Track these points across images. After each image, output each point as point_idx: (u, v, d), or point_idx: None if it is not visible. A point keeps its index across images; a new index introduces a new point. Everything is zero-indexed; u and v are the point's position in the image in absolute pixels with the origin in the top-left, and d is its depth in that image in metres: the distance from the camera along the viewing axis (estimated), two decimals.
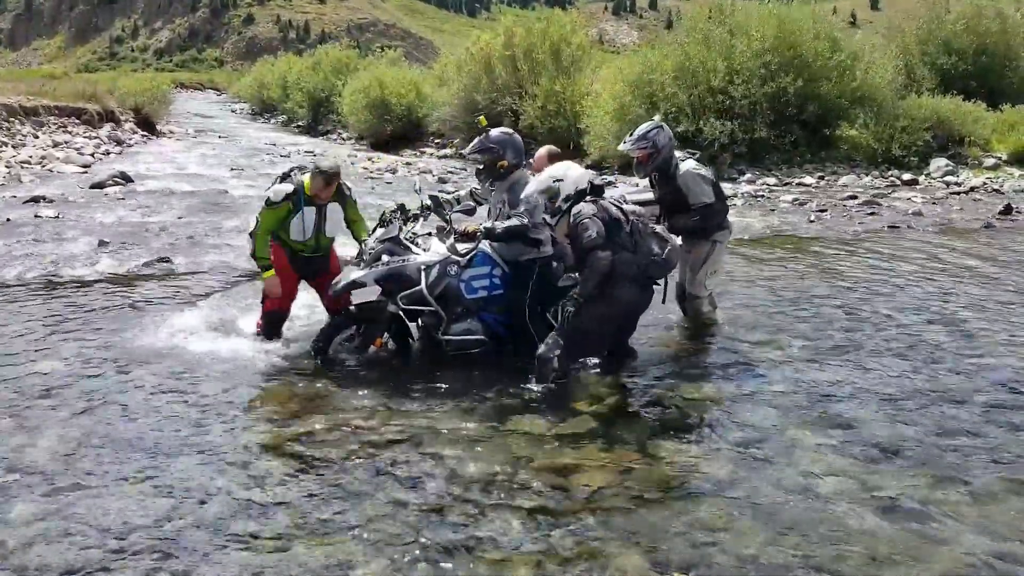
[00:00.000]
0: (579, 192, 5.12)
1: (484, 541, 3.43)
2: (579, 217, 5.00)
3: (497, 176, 5.58)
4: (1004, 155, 16.64)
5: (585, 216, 4.98)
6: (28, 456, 4.13)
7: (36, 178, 15.83)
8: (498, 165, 5.53)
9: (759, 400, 4.97)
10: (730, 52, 16.87)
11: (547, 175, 5.22)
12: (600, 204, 5.10)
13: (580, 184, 5.15)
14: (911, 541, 3.44)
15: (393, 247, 5.50)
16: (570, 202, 5.10)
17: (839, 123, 17.17)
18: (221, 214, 12.06)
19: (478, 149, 5.61)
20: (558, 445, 4.34)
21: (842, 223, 11.74)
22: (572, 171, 5.26)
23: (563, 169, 5.27)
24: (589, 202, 5.09)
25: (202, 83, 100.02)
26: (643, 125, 5.99)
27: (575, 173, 5.23)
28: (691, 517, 3.63)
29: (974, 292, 7.55)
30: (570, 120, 19.38)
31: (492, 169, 5.58)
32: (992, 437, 4.45)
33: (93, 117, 25.54)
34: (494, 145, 5.55)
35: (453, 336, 5.44)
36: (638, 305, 5.27)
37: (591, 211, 5.01)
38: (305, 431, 4.49)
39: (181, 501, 3.71)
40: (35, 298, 7.16)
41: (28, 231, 10.15)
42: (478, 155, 5.63)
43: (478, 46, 22.84)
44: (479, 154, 5.62)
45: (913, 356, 5.75)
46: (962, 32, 20.02)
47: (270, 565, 3.24)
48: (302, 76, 37.88)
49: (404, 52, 36.80)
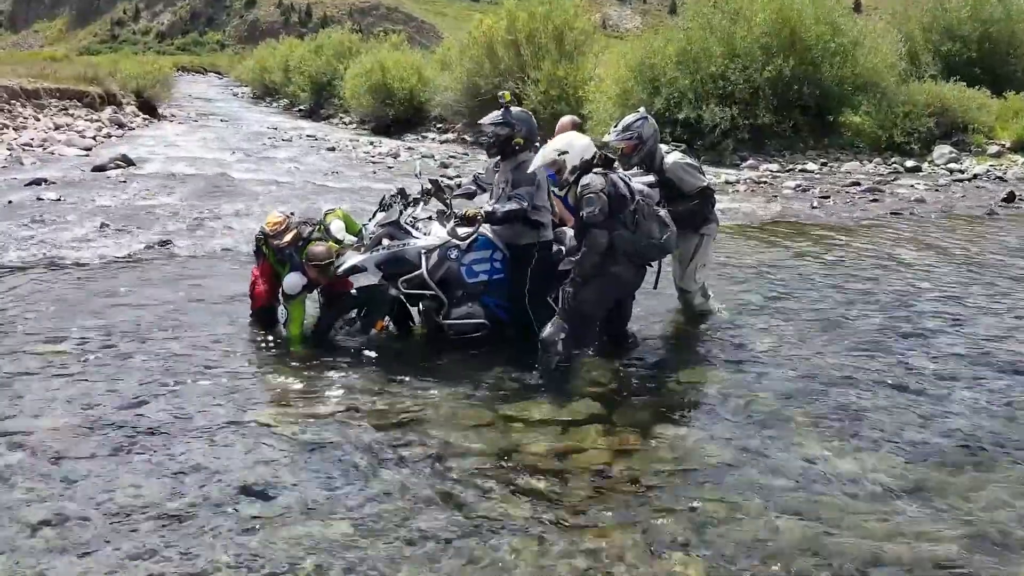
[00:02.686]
0: (585, 163, 5.03)
1: (485, 524, 3.44)
2: (586, 190, 4.89)
3: (507, 153, 5.50)
4: (1008, 142, 16.59)
5: (591, 190, 4.87)
6: (31, 438, 4.14)
7: (37, 161, 15.82)
8: (513, 141, 5.46)
9: (759, 385, 4.98)
10: (731, 37, 16.80)
11: (551, 148, 5.10)
12: (610, 178, 4.99)
13: (586, 154, 5.03)
14: (910, 525, 3.45)
15: (394, 231, 5.49)
16: (577, 172, 5.04)
17: (842, 109, 17.10)
18: (222, 197, 12.05)
19: (497, 121, 5.46)
20: (558, 429, 4.35)
21: (845, 209, 11.72)
22: (577, 141, 5.13)
23: (567, 140, 5.15)
24: (600, 174, 4.98)
25: (204, 66, 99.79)
26: (628, 116, 5.86)
27: (581, 143, 5.11)
28: (691, 501, 3.64)
29: (976, 279, 7.54)
30: (573, 105, 19.26)
31: (505, 144, 5.46)
32: (993, 422, 4.46)
33: (95, 100, 25.50)
34: (514, 121, 5.47)
35: (454, 320, 5.44)
36: (633, 285, 5.24)
37: (599, 185, 4.89)
38: (307, 414, 4.50)
39: (183, 482, 3.73)
40: (36, 280, 7.16)
41: (29, 213, 10.14)
42: (495, 127, 5.47)
43: (481, 30, 22.72)
44: (496, 126, 5.47)
45: (914, 342, 5.75)
46: (966, 18, 19.91)
47: (271, 546, 3.25)
48: (304, 60, 37.73)
49: (407, 36, 36.49)
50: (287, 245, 5.53)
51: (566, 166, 5.02)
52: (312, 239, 5.57)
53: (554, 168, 5.07)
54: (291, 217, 5.76)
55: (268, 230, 5.61)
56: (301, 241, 5.55)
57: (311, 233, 5.63)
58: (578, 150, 5.05)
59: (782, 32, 16.60)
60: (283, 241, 5.53)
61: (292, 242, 5.53)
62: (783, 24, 16.65)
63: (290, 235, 5.54)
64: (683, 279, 6.15)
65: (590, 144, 5.14)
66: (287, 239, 5.53)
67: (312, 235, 5.62)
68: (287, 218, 5.69)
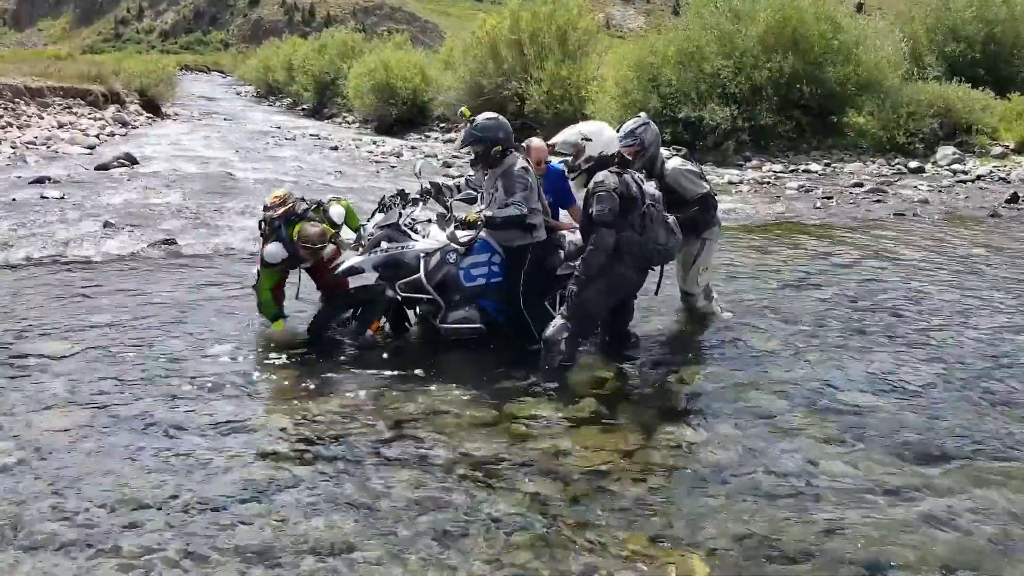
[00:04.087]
0: (604, 157, 5.00)
1: (486, 523, 3.45)
2: (598, 187, 4.88)
3: (492, 163, 5.48)
4: (1012, 144, 16.55)
5: (603, 188, 4.86)
6: (36, 434, 4.16)
7: (41, 159, 15.84)
8: (493, 151, 5.43)
9: (761, 386, 4.98)
10: (733, 36, 16.79)
11: (577, 129, 5.05)
12: (624, 178, 4.97)
13: (608, 149, 5.01)
14: (912, 526, 3.45)
15: (392, 233, 5.48)
16: (591, 163, 5.01)
17: (845, 110, 17.08)
18: (226, 196, 12.06)
19: (470, 141, 5.42)
20: (560, 428, 4.36)
21: (848, 210, 11.71)
22: (605, 133, 5.10)
23: (597, 128, 5.12)
24: (615, 173, 4.97)
25: (207, 65, 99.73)
26: (629, 122, 5.83)
27: (608, 135, 5.08)
28: (693, 500, 3.65)
29: (979, 280, 7.54)
30: (576, 105, 19.31)
31: (487, 156, 5.43)
32: (995, 422, 4.45)
33: (98, 98, 25.52)
34: (481, 134, 5.44)
35: (450, 324, 5.44)
36: (635, 285, 5.25)
37: (612, 184, 4.88)
38: (309, 413, 4.51)
39: (185, 480, 3.74)
40: (40, 278, 7.18)
41: (34, 212, 10.16)
42: (471, 146, 5.45)
43: (484, 30, 22.73)
44: (472, 145, 5.44)
45: (917, 343, 5.75)
46: (970, 19, 19.87)
47: (272, 543, 3.26)
48: (307, 59, 37.77)
49: (410, 35, 36.57)
50: (278, 217, 5.58)
51: (584, 152, 5.01)
52: (307, 217, 5.63)
53: (574, 150, 5.05)
54: (292, 194, 5.85)
55: (268, 202, 5.71)
56: (294, 216, 5.60)
57: (306, 211, 5.69)
58: (603, 142, 5.03)
59: (783, 30, 16.59)
60: (276, 213, 5.59)
61: (283, 216, 5.58)
62: (784, 22, 16.64)
63: (283, 209, 5.60)
64: (686, 282, 6.15)
65: (615, 139, 5.12)
66: (280, 212, 5.59)
67: (307, 212, 5.68)
68: (288, 194, 5.78)
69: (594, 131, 5.09)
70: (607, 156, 5.01)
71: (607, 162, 5.01)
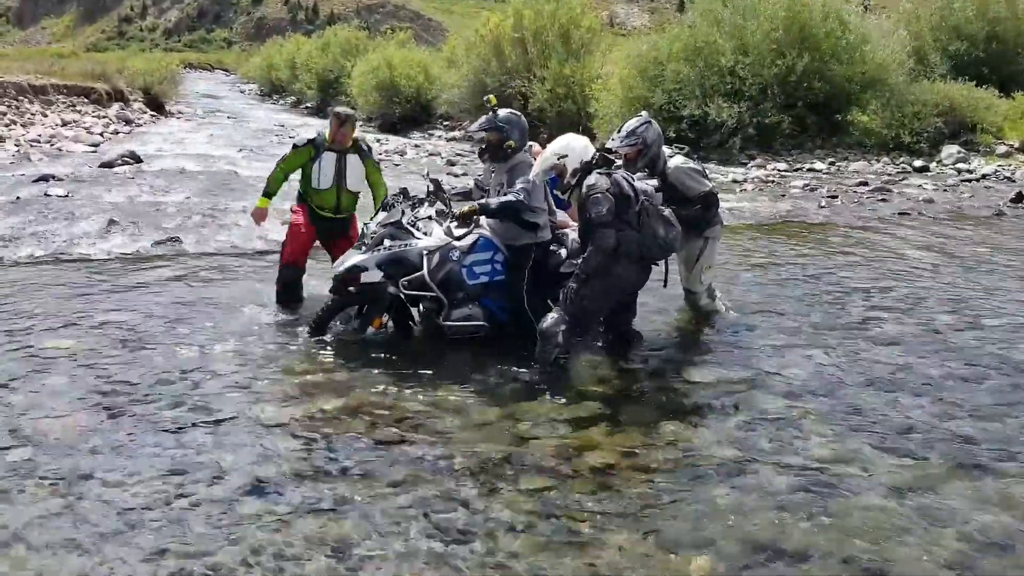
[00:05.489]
0: (586, 164, 5.04)
1: (489, 522, 3.44)
2: (591, 191, 4.92)
3: (500, 157, 5.49)
4: (1016, 143, 16.53)
5: (597, 191, 4.90)
6: (40, 434, 4.15)
7: (45, 157, 15.86)
8: (505, 145, 5.45)
9: (765, 384, 4.97)
10: (740, 32, 16.77)
11: (550, 152, 5.10)
12: (613, 179, 5.01)
13: (585, 155, 5.05)
14: (918, 524, 3.44)
15: (395, 231, 5.49)
16: (579, 175, 5.04)
17: (850, 108, 17.06)
18: (230, 194, 12.07)
19: (486, 127, 5.46)
20: (563, 427, 4.35)
21: (853, 209, 11.70)
22: (575, 143, 5.15)
23: (564, 143, 5.14)
24: (603, 175, 5.00)
25: (211, 64, 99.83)
26: (631, 121, 5.81)
27: (579, 144, 5.12)
28: (697, 499, 3.64)
29: (983, 279, 7.52)
30: (579, 104, 19.30)
31: (497, 149, 5.46)
32: (997, 422, 4.44)
33: (102, 96, 25.56)
34: (503, 124, 5.47)
35: (453, 322, 5.44)
36: (636, 284, 5.25)
37: (604, 186, 4.93)
38: (312, 411, 4.50)
39: (190, 479, 3.74)
40: (45, 276, 7.18)
41: (38, 210, 10.18)
42: (486, 132, 5.47)
43: (487, 28, 22.73)
44: (487, 132, 5.46)
45: (921, 342, 5.74)
46: (973, 18, 19.83)
47: (277, 542, 3.26)
48: (311, 57, 37.81)
49: (413, 33, 36.58)
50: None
51: (566, 170, 5.04)
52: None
53: (555, 172, 5.08)
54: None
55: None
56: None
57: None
58: (577, 152, 5.07)
59: (791, 27, 16.56)
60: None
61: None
62: (792, 19, 16.62)
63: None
64: (689, 281, 6.14)
65: (588, 145, 5.17)
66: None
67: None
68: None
69: (564, 147, 5.12)
70: (588, 162, 5.05)
71: (590, 167, 5.05)
